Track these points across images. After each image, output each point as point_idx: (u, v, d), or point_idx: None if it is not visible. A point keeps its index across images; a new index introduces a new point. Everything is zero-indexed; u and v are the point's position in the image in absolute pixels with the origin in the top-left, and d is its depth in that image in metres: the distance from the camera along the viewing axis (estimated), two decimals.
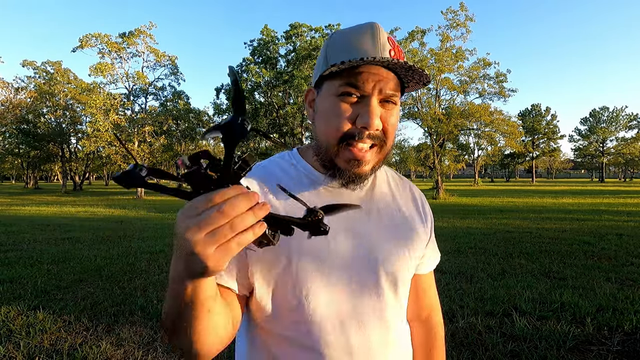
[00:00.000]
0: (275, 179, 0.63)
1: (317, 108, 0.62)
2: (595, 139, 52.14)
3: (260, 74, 24.37)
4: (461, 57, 19.16)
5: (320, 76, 0.60)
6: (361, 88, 0.55)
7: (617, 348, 2.43)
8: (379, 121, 0.56)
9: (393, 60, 0.53)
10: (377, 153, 0.60)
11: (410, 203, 0.71)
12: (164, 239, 6.68)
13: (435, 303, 0.78)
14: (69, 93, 27.89)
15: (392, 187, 0.71)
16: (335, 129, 0.57)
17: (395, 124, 0.60)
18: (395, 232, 0.65)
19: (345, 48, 0.57)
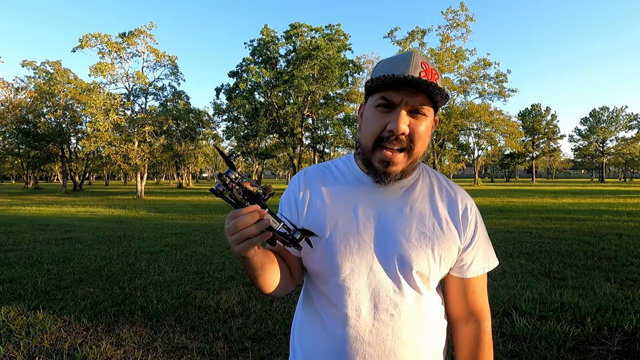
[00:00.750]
0: (330, 174, 0.82)
1: (363, 118, 0.76)
2: (595, 139, 52.12)
3: (260, 74, 24.34)
4: (461, 57, 19.18)
5: (366, 92, 0.74)
6: (391, 100, 0.68)
7: (617, 348, 2.43)
8: (405, 126, 0.68)
9: (409, 76, 0.64)
10: (405, 157, 0.71)
11: (449, 210, 0.78)
12: (164, 239, 6.68)
13: (482, 308, 0.80)
14: (69, 93, 27.87)
15: (434, 192, 0.79)
16: (371, 133, 0.71)
17: (422, 133, 0.70)
18: (422, 232, 0.74)
19: (382, 69, 0.70)
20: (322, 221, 0.74)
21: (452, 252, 0.75)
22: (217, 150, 0.68)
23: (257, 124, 24.87)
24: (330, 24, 25.13)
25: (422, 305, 0.74)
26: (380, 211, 0.74)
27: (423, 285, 0.74)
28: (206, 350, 2.46)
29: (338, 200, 0.76)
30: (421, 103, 0.68)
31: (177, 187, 37.74)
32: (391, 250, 0.72)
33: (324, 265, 0.74)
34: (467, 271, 0.78)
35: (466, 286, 0.79)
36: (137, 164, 21.99)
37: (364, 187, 0.77)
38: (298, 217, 0.77)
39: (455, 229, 0.76)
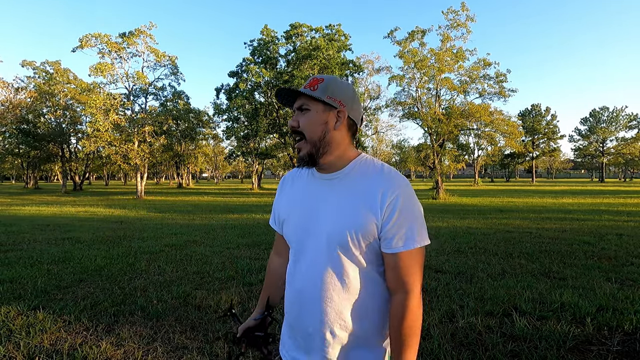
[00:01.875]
0: (299, 174, 1.06)
1: None
2: (595, 139, 52.09)
3: (260, 74, 24.34)
4: (461, 57, 19.15)
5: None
6: (291, 108, 0.98)
7: (617, 348, 2.43)
8: (291, 122, 0.95)
9: (282, 88, 0.94)
10: (305, 143, 0.93)
11: (372, 191, 0.89)
12: (163, 239, 6.68)
13: (403, 281, 0.88)
14: (68, 93, 27.86)
15: (366, 176, 0.92)
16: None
17: (307, 122, 0.92)
18: (342, 212, 0.90)
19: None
20: (286, 207, 1.02)
21: (368, 228, 0.87)
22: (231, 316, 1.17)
23: (257, 124, 24.86)
24: (330, 24, 25.14)
25: (342, 275, 0.90)
26: (316, 197, 0.95)
27: (345, 257, 0.90)
28: (206, 350, 2.46)
29: (297, 192, 1.01)
30: (301, 102, 0.93)
31: (177, 187, 37.73)
32: (321, 228, 0.91)
33: (288, 239, 1.02)
34: (390, 247, 0.88)
35: (393, 261, 0.88)
36: (137, 164, 21.98)
37: (312, 179, 0.99)
38: (278, 208, 1.07)
39: (371, 208, 0.87)
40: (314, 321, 0.93)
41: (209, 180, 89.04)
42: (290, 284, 1.00)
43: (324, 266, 0.91)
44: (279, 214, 1.05)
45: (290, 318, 1.00)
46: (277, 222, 1.07)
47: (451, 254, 5.26)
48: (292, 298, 0.98)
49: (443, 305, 3.20)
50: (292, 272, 0.99)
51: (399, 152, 58.40)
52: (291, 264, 1.00)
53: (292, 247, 0.99)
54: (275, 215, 1.08)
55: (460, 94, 20.65)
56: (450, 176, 65.77)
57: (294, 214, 0.98)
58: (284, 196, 1.05)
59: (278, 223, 1.07)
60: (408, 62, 19.01)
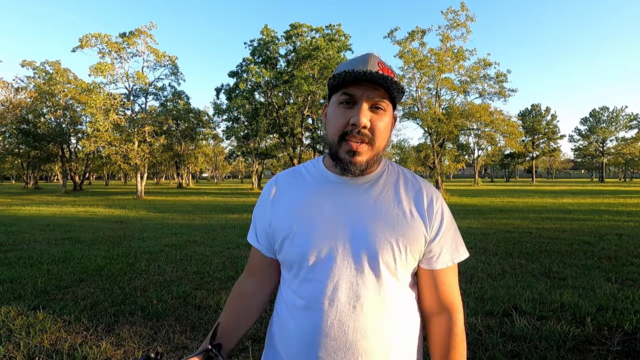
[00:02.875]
0: (300, 176, 0.86)
1: (327, 116, 0.79)
2: (595, 139, 52.08)
3: (260, 74, 24.33)
4: (461, 57, 19.15)
5: (329, 92, 0.78)
6: (353, 95, 0.72)
7: (617, 348, 2.43)
8: (366, 120, 0.71)
9: (369, 71, 0.69)
10: (369, 149, 0.74)
11: (414, 201, 0.79)
12: (163, 239, 6.68)
13: (453, 299, 0.81)
14: (68, 93, 27.86)
15: (398, 185, 0.81)
16: (337, 128, 0.74)
17: (382, 127, 0.74)
18: (386, 224, 0.75)
19: (343, 69, 0.73)
20: (290, 217, 0.78)
21: (418, 243, 0.76)
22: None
23: (257, 124, 24.86)
24: (330, 24, 25.14)
25: (387, 298, 0.74)
26: (345, 205, 0.77)
27: (390, 277, 0.74)
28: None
29: (305, 198, 0.80)
30: (380, 97, 0.72)
31: (177, 187, 37.73)
32: (355, 243, 0.74)
33: (291, 261, 0.78)
34: (436, 262, 0.79)
35: (436, 278, 0.79)
36: (137, 164, 21.98)
37: (331, 184, 0.80)
38: (267, 220, 0.83)
39: (420, 219, 0.77)
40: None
41: (209, 180, 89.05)
42: (299, 320, 0.77)
43: (366, 293, 0.73)
44: (274, 228, 0.80)
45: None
46: (269, 238, 0.82)
47: None
48: (308, 340, 0.75)
49: None
50: (305, 304, 0.76)
51: (399, 152, 58.39)
52: (298, 294, 0.77)
53: (302, 270, 0.76)
54: (263, 230, 0.84)
55: (460, 94, 20.66)
56: (450, 176, 65.77)
57: (307, 227, 0.76)
58: (281, 205, 0.81)
59: (270, 239, 0.82)
60: (408, 62, 19.01)
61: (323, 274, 0.74)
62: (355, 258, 0.73)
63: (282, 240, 0.79)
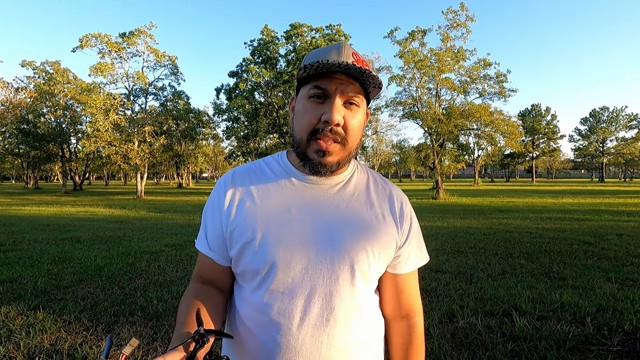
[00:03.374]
0: (261, 173, 0.76)
1: (295, 111, 0.72)
2: (595, 139, 52.12)
3: (260, 74, 24.34)
4: (462, 57, 19.15)
5: (298, 84, 0.71)
6: (325, 89, 0.65)
7: (617, 348, 2.43)
8: (339, 117, 0.65)
9: (344, 62, 0.61)
10: (340, 149, 0.68)
11: (386, 204, 0.76)
12: (164, 239, 6.68)
13: (415, 303, 0.80)
14: (68, 93, 27.86)
15: (369, 187, 0.77)
16: (306, 124, 0.67)
17: (356, 125, 0.68)
18: (359, 228, 0.70)
19: (314, 58, 0.66)
20: (253, 222, 0.68)
21: (390, 248, 0.72)
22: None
23: (257, 124, 24.87)
24: (330, 24, 25.14)
25: (360, 308, 0.70)
26: (315, 209, 0.70)
27: (363, 284, 0.70)
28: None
29: (270, 200, 0.71)
30: (355, 92, 0.67)
31: (177, 187, 37.73)
32: (328, 249, 0.67)
33: (254, 271, 0.68)
34: (402, 267, 0.76)
35: (401, 282, 0.77)
36: (137, 164, 21.98)
37: (298, 184, 0.73)
38: (222, 224, 0.71)
39: (393, 223, 0.74)
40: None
41: (209, 180, 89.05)
42: (262, 339, 0.67)
43: (340, 303, 0.67)
44: (231, 233, 0.70)
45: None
46: (224, 244, 0.72)
47: (451, 254, 5.25)
48: (276, 353, 0.66)
49: (443, 305, 3.20)
50: (270, 320, 0.66)
51: (399, 152, 58.40)
52: (260, 309, 0.67)
53: (267, 281, 0.67)
54: (217, 236, 0.72)
55: (461, 94, 20.66)
56: (450, 176, 65.79)
57: (273, 232, 0.67)
58: (240, 206, 0.71)
59: (225, 246, 0.72)
60: (408, 62, 19.01)
61: (293, 285, 0.66)
62: (329, 266, 0.67)
63: (242, 248, 0.68)
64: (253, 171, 0.77)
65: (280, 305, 0.66)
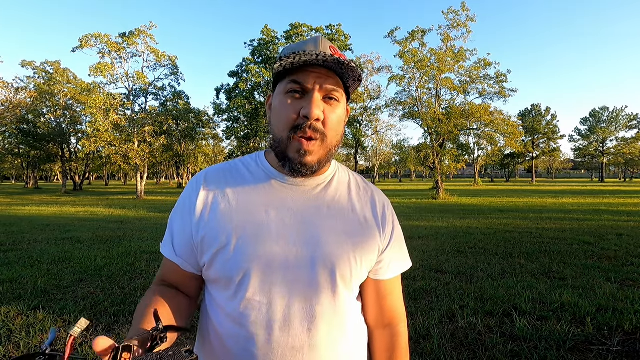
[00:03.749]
0: (237, 173, 0.72)
1: (272, 108, 0.69)
2: (595, 139, 52.13)
3: (260, 74, 24.35)
4: (462, 57, 19.16)
5: (274, 80, 0.68)
6: (303, 83, 0.62)
7: (617, 348, 2.43)
8: (319, 112, 0.62)
9: (321, 53, 0.59)
10: (320, 147, 0.64)
11: (368, 207, 0.73)
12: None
13: (398, 311, 0.77)
14: (68, 93, 27.87)
15: (351, 190, 0.74)
16: (284, 121, 0.63)
17: (335, 120, 0.65)
18: (342, 232, 0.67)
19: (290, 52, 0.62)
20: (228, 226, 0.64)
21: (372, 252, 0.69)
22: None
23: (257, 124, 24.89)
24: (330, 24, 25.17)
25: (342, 315, 0.67)
26: (295, 211, 0.67)
27: (345, 290, 0.66)
28: None
29: (246, 201, 0.67)
30: (334, 86, 0.64)
31: (177, 187, 37.74)
32: (310, 253, 0.64)
33: (229, 278, 0.64)
34: (384, 272, 0.73)
35: (383, 289, 0.74)
36: (137, 164, 21.99)
37: (277, 185, 0.69)
38: (192, 229, 0.66)
39: (375, 227, 0.71)
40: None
41: None
42: (239, 352, 0.63)
43: (321, 311, 0.64)
44: (202, 237, 0.65)
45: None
46: (194, 250, 0.67)
47: (451, 254, 5.26)
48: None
49: (443, 305, 3.20)
50: (248, 331, 0.62)
51: (399, 152, 58.39)
52: (236, 319, 0.63)
53: (243, 289, 0.63)
54: (185, 240, 0.67)
55: (461, 94, 20.67)
56: (450, 176, 65.79)
57: (250, 236, 0.63)
58: (213, 208, 0.66)
59: (194, 252, 0.67)
60: (408, 62, 19.02)
61: (271, 292, 0.62)
62: (309, 272, 0.63)
63: (215, 253, 0.64)
64: (228, 171, 0.72)
65: (257, 315, 0.62)
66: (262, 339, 0.62)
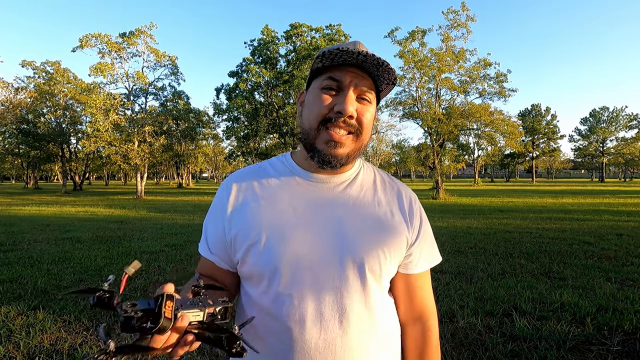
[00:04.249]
0: (265, 174, 0.74)
1: (305, 103, 0.71)
2: (595, 139, 52.13)
3: (260, 74, 24.35)
4: (462, 57, 19.15)
5: (310, 77, 0.71)
6: (339, 80, 0.65)
7: (617, 348, 2.43)
8: (353, 109, 0.64)
9: (362, 51, 0.61)
10: (353, 141, 0.67)
11: (394, 202, 0.74)
12: (164, 239, 6.68)
13: (428, 305, 0.77)
14: (68, 93, 27.87)
15: (376, 185, 0.75)
16: (316, 114, 0.65)
17: (369, 120, 0.68)
18: (368, 227, 0.68)
19: (331, 50, 0.65)
20: (257, 224, 0.66)
21: (401, 247, 0.70)
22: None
23: (257, 124, 24.88)
24: (330, 24, 25.14)
25: (373, 309, 0.67)
26: (321, 207, 0.68)
27: (375, 285, 0.67)
28: (206, 351, 2.46)
29: (275, 200, 0.69)
30: (368, 87, 0.66)
31: (177, 187, 37.74)
32: (338, 249, 0.65)
33: (261, 273, 0.66)
34: (415, 267, 0.74)
35: (413, 283, 0.75)
36: (137, 164, 21.98)
37: (303, 183, 0.71)
38: (225, 227, 0.69)
39: (403, 222, 0.72)
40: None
41: (209, 180, 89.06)
42: (275, 345, 0.66)
43: (352, 305, 0.65)
44: (234, 236, 0.68)
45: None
46: (227, 248, 0.70)
47: (451, 254, 5.25)
48: (289, 359, 0.65)
49: (443, 305, 3.20)
50: (282, 325, 0.65)
51: (399, 152, 58.39)
52: (270, 313, 0.66)
53: (275, 284, 0.65)
54: (218, 239, 0.71)
55: (461, 94, 20.66)
56: (450, 176, 65.80)
57: (279, 233, 0.65)
58: (244, 208, 0.69)
59: (227, 250, 0.70)
60: (408, 62, 19.01)
61: (301, 287, 0.64)
62: (338, 266, 0.65)
63: (247, 250, 0.66)
64: (256, 172, 0.75)
65: (289, 309, 0.64)
66: (295, 332, 0.64)
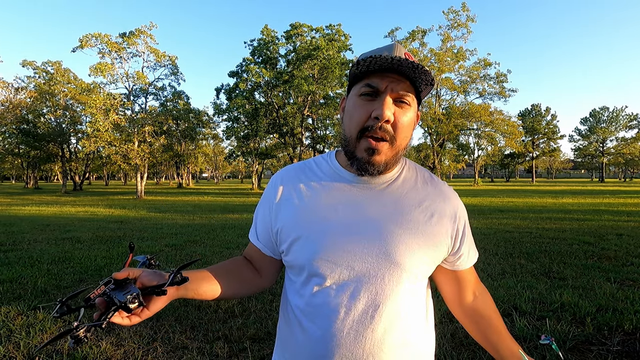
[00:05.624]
0: (310, 171, 0.78)
1: (345, 110, 0.74)
2: (595, 139, 52.11)
3: (260, 74, 24.35)
4: (462, 57, 19.17)
5: (349, 84, 0.73)
6: (376, 87, 0.66)
7: (617, 348, 2.43)
8: (390, 113, 0.65)
9: (396, 57, 0.62)
10: (389, 148, 0.68)
11: (436, 203, 0.75)
12: (164, 239, 6.68)
13: (479, 288, 0.84)
14: (68, 93, 27.88)
15: (417, 185, 0.76)
16: (355, 122, 0.68)
17: (406, 123, 0.68)
18: (406, 227, 0.70)
19: (367, 56, 0.66)
20: (301, 220, 0.71)
21: (442, 247, 0.72)
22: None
23: (257, 124, 24.88)
24: (330, 24, 25.15)
25: (405, 306, 0.70)
26: (362, 207, 0.71)
27: (409, 284, 0.70)
28: (206, 351, 2.46)
29: (317, 197, 0.73)
30: (406, 90, 0.67)
31: (177, 187, 37.74)
32: (374, 248, 0.68)
33: (301, 266, 0.71)
34: (465, 263, 0.78)
35: (465, 277, 0.81)
36: (137, 164, 21.99)
37: (345, 183, 0.74)
38: (272, 218, 0.76)
39: (444, 222, 0.73)
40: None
41: (209, 180, 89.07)
42: (310, 330, 0.71)
43: (385, 301, 0.69)
44: (280, 229, 0.74)
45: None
46: (274, 239, 0.76)
47: None
48: (320, 352, 0.69)
49: (443, 305, 3.18)
50: (318, 312, 0.70)
51: None
52: (308, 302, 0.72)
53: (314, 276, 0.70)
54: (266, 230, 0.77)
55: (461, 94, 20.68)
56: (450, 176, 65.76)
57: (320, 230, 0.70)
58: (289, 204, 0.74)
59: (273, 241, 0.77)
60: None
61: (339, 281, 0.69)
62: (374, 264, 0.68)
63: (290, 245, 0.72)
64: (302, 170, 0.79)
65: (326, 299, 0.69)
66: (329, 321, 0.69)
